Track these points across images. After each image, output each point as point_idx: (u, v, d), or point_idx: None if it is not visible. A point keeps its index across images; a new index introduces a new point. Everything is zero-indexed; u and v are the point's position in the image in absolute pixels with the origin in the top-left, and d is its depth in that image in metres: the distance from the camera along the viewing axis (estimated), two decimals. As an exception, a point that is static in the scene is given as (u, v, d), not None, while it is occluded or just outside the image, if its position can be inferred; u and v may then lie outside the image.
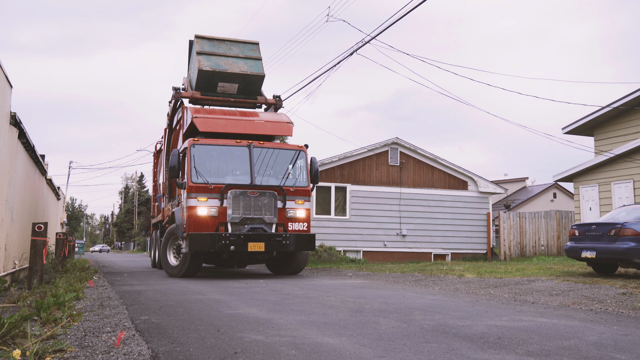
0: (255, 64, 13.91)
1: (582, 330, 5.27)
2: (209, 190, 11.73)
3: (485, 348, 4.36)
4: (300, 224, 12.41)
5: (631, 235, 10.18)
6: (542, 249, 21.70)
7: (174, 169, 11.96)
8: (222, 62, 13.48)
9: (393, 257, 20.67)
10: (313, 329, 5.17)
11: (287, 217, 12.26)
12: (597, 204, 17.79)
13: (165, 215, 15.13)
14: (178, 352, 4.18)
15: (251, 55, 13.96)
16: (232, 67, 13.54)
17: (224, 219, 11.72)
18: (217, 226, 11.67)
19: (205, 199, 11.66)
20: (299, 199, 12.48)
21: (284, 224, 12.23)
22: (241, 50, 13.94)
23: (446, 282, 10.93)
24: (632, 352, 4.27)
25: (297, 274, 13.43)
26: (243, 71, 13.47)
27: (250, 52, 14.02)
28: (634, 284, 9.33)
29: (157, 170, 18.92)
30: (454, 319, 5.90)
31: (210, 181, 11.82)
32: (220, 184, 11.83)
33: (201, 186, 11.73)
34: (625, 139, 17.94)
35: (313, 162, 12.93)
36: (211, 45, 13.66)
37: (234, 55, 13.73)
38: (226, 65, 13.48)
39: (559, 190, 39.74)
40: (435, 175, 21.76)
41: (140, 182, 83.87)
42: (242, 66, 13.61)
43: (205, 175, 11.87)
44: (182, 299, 7.81)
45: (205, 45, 13.65)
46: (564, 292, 8.75)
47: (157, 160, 19.18)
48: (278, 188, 12.19)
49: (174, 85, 14.36)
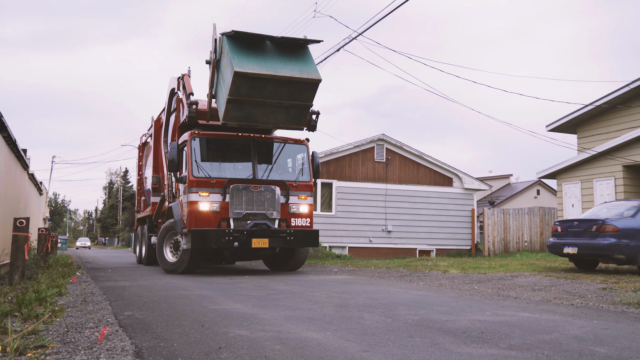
0: (306, 65, 11.03)
1: (563, 324, 5.34)
2: (210, 184, 11.38)
3: (468, 342, 4.40)
4: (303, 219, 12.12)
5: (612, 232, 10.33)
6: (525, 245, 21.92)
7: (174, 163, 11.61)
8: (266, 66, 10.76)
9: (378, 253, 20.76)
10: (298, 324, 5.18)
11: (290, 212, 11.97)
12: (579, 201, 18.01)
13: (155, 210, 14.86)
14: (162, 347, 4.17)
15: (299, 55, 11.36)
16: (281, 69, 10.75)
17: (226, 214, 11.36)
18: (219, 222, 11.33)
19: (207, 193, 11.31)
20: (301, 194, 12.21)
21: (287, 220, 11.92)
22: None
23: (431, 278, 11.00)
24: (611, 345, 4.34)
25: (295, 270, 13.17)
26: (292, 76, 10.73)
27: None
28: (614, 279, 9.48)
29: (142, 164, 18.54)
30: (438, 313, 5.95)
31: (212, 175, 11.51)
32: (222, 178, 11.49)
33: (202, 180, 11.38)
34: (607, 137, 18.17)
35: (314, 157, 12.62)
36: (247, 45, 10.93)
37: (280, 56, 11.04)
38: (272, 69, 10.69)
39: (543, 187, 40.15)
40: (420, 172, 21.87)
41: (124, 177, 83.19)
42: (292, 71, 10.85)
43: (206, 169, 11.56)
44: (166, 294, 7.77)
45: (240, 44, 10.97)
46: (546, 287, 8.86)
47: (142, 153, 18.78)
48: (281, 183, 11.89)
49: (174, 76, 13.67)
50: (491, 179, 41.86)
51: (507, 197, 39.55)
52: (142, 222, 17.65)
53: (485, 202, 37.68)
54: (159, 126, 15.78)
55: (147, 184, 17.00)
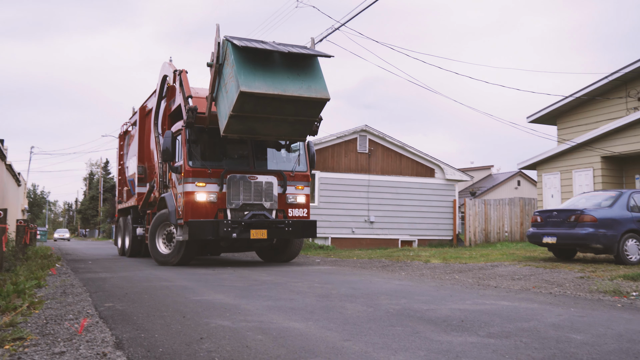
0: (314, 82, 10.57)
1: (542, 312, 5.43)
2: (207, 174, 11.14)
3: (449, 330, 4.46)
4: (300, 209, 11.99)
5: (590, 221, 10.50)
6: (505, 235, 22.18)
7: (168, 152, 11.36)
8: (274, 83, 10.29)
9: (361, 244, 20.85)
10: (280, 314, 5.20)
11: (287, 202, 11.80)
12: (558, 191, 18.26)
13: (141, 200, 14.57)
14: (143, 338, 4.15)
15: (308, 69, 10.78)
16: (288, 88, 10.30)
17: (222, 205, 11.15)
18: (216, 213, 11.11)
19: (203, 184, 11.08)
20: (299, 184, 12.05)
21: (284, 210, 11.76)
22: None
23: (412, 268, 11.09)
24: (587, 332, 4.43)
25: (289, 262, 13.02)
26: (301, 95, 10.30)
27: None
28: (592, 268, 9.65)
29: (123, 153, 18.07)
30: (419, 303, 6.01)
31: (208, 165, 11.29)
32: (219, 168, 11.25)
33: (199, 170, 11.14)
34: (586, 128, 18.42)
35: (310, 146, 12.42)
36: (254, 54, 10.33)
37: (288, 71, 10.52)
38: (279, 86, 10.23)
39: (523, 178, 40.60)
40: (403, 163, 21.96)
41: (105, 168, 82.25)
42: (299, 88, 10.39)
43: (202, 158, 11.35)
44: (147, 285, 7.73)
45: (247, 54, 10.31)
46: (526, 276, 8.99)
47: (123, 142, 18.28)
48: (278, 173, 11.70)
49: (168, 61, 13.15)
50: (473, 170, 42.22)
51: (488, 187, 39.94)
52: (124, 212, 17.27)
53: (466, 193, 38.02)
54: (145, 114, 15.41)
55: (129, 174, 16.67)
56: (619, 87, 17.85)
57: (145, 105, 15.62)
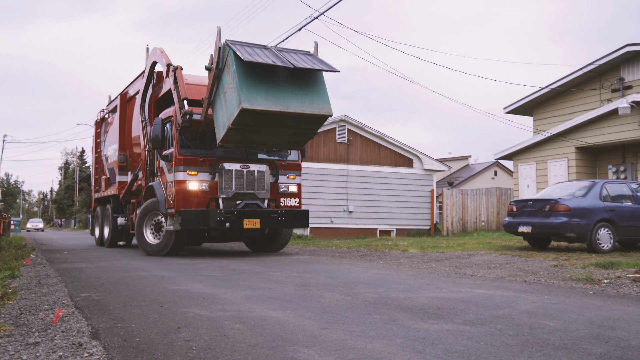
0: (317, 97, 10.36)
1: (516, 300, 5.52)
2: (198, 163, 10.92)
3: (425, 318, 4.51)
4: (292, 199, 11.90)
5: (564, 211, 10.69)
6: (482, 225, 22.48)
7: (157, 140, 11.12)
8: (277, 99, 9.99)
9: (340, 233, 20.93)
10: (258, 304, 5.20)
11: (279, 192, 11.69)
12: (534, 181, 18.54)
13: (122, 189, 14.27)
14: (119, 328, 4.12)
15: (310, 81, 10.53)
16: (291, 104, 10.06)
17: (214, 194, 10.95)
18: (207, 202, 10.90)
19: (195, 172, 10.85)
20: (290, 173, 11.93)
21: (276, 200, 11.64)
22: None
23: (390, 257, 11.18)
24: (559, 318, 4.52)
25: (278, 252, 12.94)
26: (303, 111, 10.13)
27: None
28: (565, 257, 9.84)
29: (100, 141, 17.56)
30: (397, 291, 6.06)
31: (200, 153, 11.03)
32: (211, 157, 11.04)
33: (190, 159, 10.90)
34: (561, 119, 18.69)
35: None
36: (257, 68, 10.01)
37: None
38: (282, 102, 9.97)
39: (500, 168, 41.09)
40: (381, 153, 22.06)
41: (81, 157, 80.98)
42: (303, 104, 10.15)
43: (193, 146, 11.09)
44: (124, 275, 7.66)
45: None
46: (501, 265, 9.13)
47: (99, 129, 17.76)
48: (270, 162, 11.55)
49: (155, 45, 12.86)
50: (450, 160, 42.59)
51: (465, 177, 40.35)
52: (102, 202, 16.88)
53: (444, 183, 38.36)
54: (125, 101, 15.06)
55: (108, 162, 16.27)
56: (594, 79, 18.14)
57: (126, 92, 15.23)
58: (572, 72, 18.27)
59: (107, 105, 17.27)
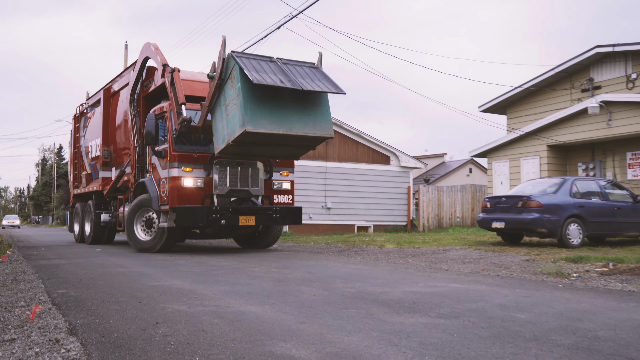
0: (321, 118, 10.27)
1: (489, 293, 5.60)
2: (193, 159, 10.68)
3: (401, 312, 4.55)
4: (285, 196, 11.78)
5: (535, 207, 10.86)
6: (457, 221, 22.71)
7: (150, 135, 10.88)
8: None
9: (318, 229, 20.95)
10: (237, 299, 5.19)
11: (272, 189, 11.56)
12: (507, 178, 18.79)
13: (105, 185, 13.98)
14: (97, 324, 4.07)
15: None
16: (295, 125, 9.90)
17: (209, 190, 10.74)
18: (202, 199, 10.68)
19: (190, 169, 10.60)
20: (284, 170, 11.81)
21: (270, 197, 11.49)
22: None
23: (368, 253, 11.23)
24: (530, 311, 4.60)
25: (267, 248, 12.80)
26: (305, 133, 10.00)
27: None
28: (537, 252, 10.01)
29: (79, 135, 17.08)
30: (373, 286, 6.10)
31: (195, 150, 10.79)
32: (206, 153, 10.80)
33: (185, 155, 10.64)
34: (534, 118, 18.97)
35: None
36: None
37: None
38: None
39: (475, 166, 41.59)
40: (359, 150, 22.13)
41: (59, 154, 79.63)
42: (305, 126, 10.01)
43: (187, 142, 10.86)
44: (103, 272, 7.57)
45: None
46: (475, 260, 9.24)
47: (78, 124, 17.29)
48: (264, 159, 11.37)
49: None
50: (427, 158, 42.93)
51: (441, 175, 40.72)
52: (82, 198, 16.51)
53: (420, 180, 38.67)
54: (109, 96, 14.68)
55: (89, 157, 15.84)
56: (565, 79, 18.45)
57: (109, 86, 14.86)
58: (544, 72, 18.55)
59: (86, 100, 16.92)
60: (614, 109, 15.65)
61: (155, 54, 12.01)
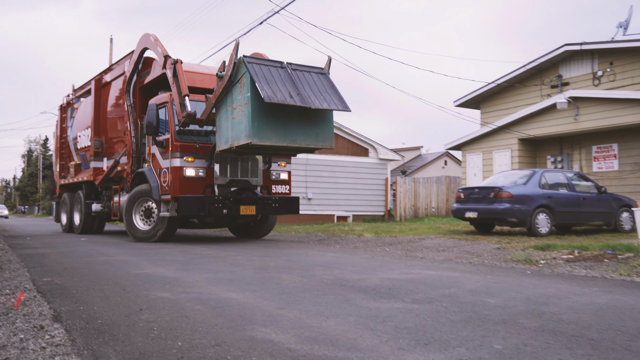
0: (324, 130, 10.27)
1: (462, 280, 5.68)
2: (195, 149, 10.56)
3: (377, 298, 4.59)
4: (283, 186, 11.73)
5: (507, 197, 11.00)
6: (433, 211, 22.91)
7: (151, 126, 10.71)
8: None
9: (299, 219, 20.96)
10: (219, 286, 5.17)
11: (271, 179, 11.50)
12: (480, 170, 18.99)
13: (97, 175, 13.71)
14: (82, 310, 4.03)
15: None
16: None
17: (210, 180, 10.63)
18: (204, 189, 10.57)
19: (192, 159, 10.49)
20: (282, 161, 11.71)
21: (268, 187, 11.46)
22: None
23: (347, 241, 11.28)
24: (500, 296, 4.68)
25: (261, 238, 12.66)
26: (308, 145, 10.06)
27: None
28: (507, 240, 10.15)
29: (66, 126, 16.69)
30: (351, 273, 6.13)
31: (197, 140, 10.66)
32: (207, 143, 10.69)
33: (187, 145, 10.51)
34: (506, 113, 19.17)
35: None
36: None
37: None
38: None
39: (450, 158, 41.92)
40: (339, 143, 22.14)
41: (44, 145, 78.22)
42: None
43: (189, 133, 10.70)
44: (88, 260, 7.48)
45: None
46: (449, 248, 9.35)
47: (65, 114, 16.91)
48: None
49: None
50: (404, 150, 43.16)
51: (417, 167, 40.98)
52: (70, 188, 16.10)
53: (398, 172, 38.87)
54: (100, 86, 14.35)
55: (78, 147, 15.37)
56: (535, 76, 18.66)
57: (101, 77, 14.50)
58: (516, 69, 18.73)
59: (74, 90, 16.54)
60: (581, 105, 15.90)
61: (155, 45, 11.69)
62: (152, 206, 11.27)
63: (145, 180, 11.37)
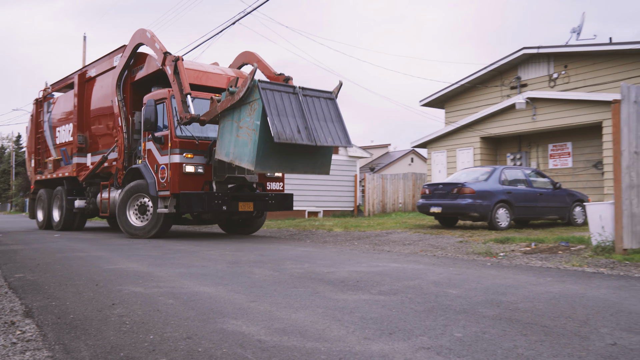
0: (323, 158, 10.17)
1: (426, 272, 5.76)
2: (194, 146, 10.34)
3: (345, 290, 4.62)
4: (277, 183, 11.63)
5: (469, 193, 11.20)
6: (400, 206, 23.14)
7: (149, 122, 10.43)
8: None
9: (271, 215, 20.89)
10: (191, 280, 5.13)
11: (266, 176, 11.39)
12: (445, 167, 19.27)
13: (80, 171, 13.29)
14: (54, 306, 3.94)
15: None
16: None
17: (208, 177, 10.43)
18: (202, 185, 10.35)
19: (191, 155, 10.25)
20: None
21: (263, 184, 11.38)
22: None
23: (317, 236, 11.31)
24: (461, 287, 4.77)
25: (251, 234, 12.42)
26: (306, 172, 10.14)
27: None
28: (469, 234, 10.34)
29: (42, 120, 16.02)
30: (321, 266, 6.15)
31: (196, 137, 10.42)
32: (207, 140, 10.50)
33: (186, 141, 10.28)
34: (469, 112, 19.49)
35: None
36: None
37: None
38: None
39: (416, 156, 42.39)
40: (310, 140, 22.14)
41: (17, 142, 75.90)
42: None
43: (188, 128, 10.42)
44: (61, 256, 7.31)
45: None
46: (415, 241, 9.46)
47: (41, 109, 16.20)
48: None
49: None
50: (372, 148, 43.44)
51: (385, 164, 41.31)
52: (47, 184, 15.55)
53: (366, 169, 39.10)
54: (84, 81, 13.84)
55: (58, 142, 14.79)
56: (496, 77, 19.01)
57: (85, 71, 13.98)
58: (478, 71, 19.05)
59: (51, 84, 15.92)
60: (538, 105, 16.28)
61: (152, 41, 11.29)
62: (147, 202, 10.99)
63: (140, 176, 11.06)
